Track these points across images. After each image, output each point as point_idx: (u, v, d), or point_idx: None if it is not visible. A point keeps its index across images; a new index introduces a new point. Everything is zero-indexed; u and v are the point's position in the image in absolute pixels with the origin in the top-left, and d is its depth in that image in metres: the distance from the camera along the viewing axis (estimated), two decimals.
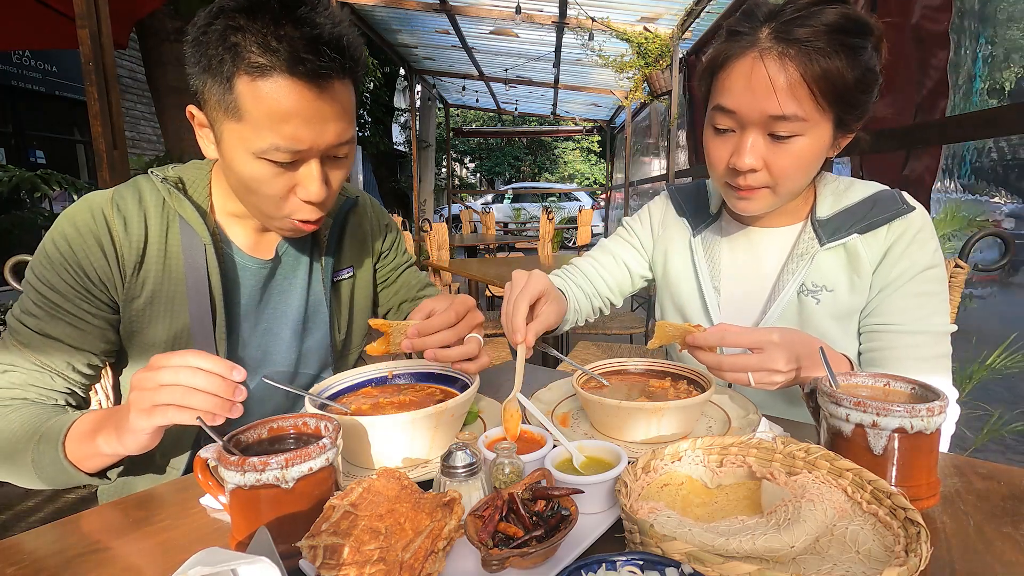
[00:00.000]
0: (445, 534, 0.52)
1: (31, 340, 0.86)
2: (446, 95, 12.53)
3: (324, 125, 0.81)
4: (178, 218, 0.93)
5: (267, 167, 0.82)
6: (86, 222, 0.87)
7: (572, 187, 19.85)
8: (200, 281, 0.92)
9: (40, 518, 2.30)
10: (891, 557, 0.51)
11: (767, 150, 0.89)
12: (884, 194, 1.00)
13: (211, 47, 0.77)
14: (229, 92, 0.78)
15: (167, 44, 4.47)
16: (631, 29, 6.37)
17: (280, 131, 0.79)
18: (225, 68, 0.77)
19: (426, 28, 7.58)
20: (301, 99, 0.78)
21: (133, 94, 9.82)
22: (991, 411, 2.20)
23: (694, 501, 0.65)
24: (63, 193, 4.11)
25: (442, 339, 0.85)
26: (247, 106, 0.78)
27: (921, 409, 0.61)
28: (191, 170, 0.97)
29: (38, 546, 0.62)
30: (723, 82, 0.91)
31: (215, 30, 0.77)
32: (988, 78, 2.28)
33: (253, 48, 0.75)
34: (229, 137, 0.82)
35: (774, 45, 0.85)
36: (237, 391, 0.69)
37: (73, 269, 0.86)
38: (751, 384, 0.78)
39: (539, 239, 7.89)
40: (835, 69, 0.83)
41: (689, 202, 1.20)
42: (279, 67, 0.76)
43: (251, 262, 0.99)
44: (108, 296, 0.89)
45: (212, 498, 0.64)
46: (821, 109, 0.86)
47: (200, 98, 0.83)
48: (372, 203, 1.21)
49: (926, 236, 0.96)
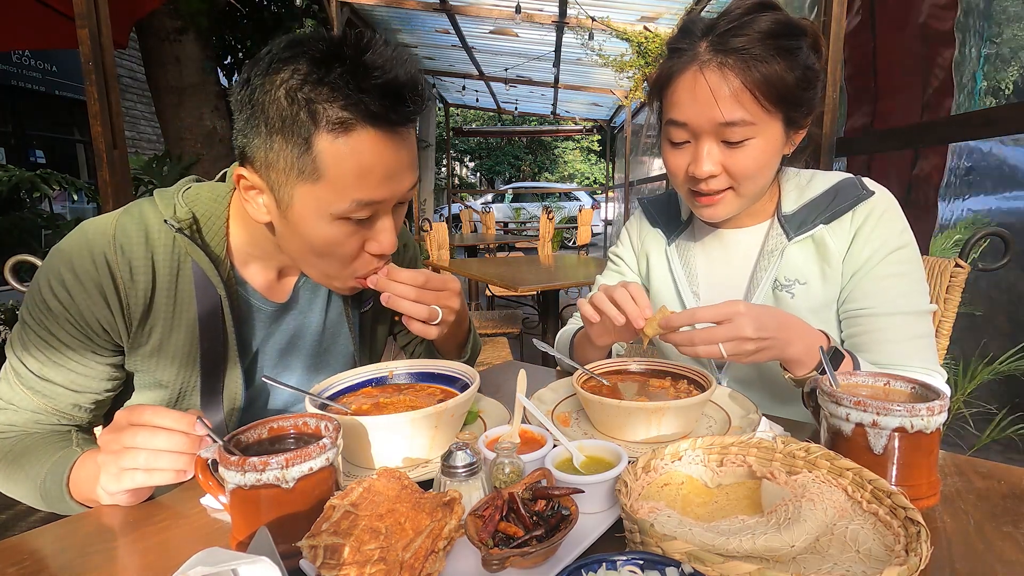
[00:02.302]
0: (445, 534, 0.52)
1: (33, 383, 0.81)
2: (446, 95, 12.52)
3: (403, 173, 0.78)
4: (190, 261, 0.85)
5: (344, 227, 0.77)
6: (87, 270, 0.79)
7: (572, 187, 19.86)
8: (215, 330, 0.86)
9: (40, 518, 2.30)
10: (891, 556, 0.51)
11: (723, 155, 0.92)
12: (845, 182, 1.02)
13: (278, 106, 0.71)
14: (307, 153, 0.72)
15: (167, 44, 4.47)
16: (631, 29, 6.37)
17: (362, 186, 0.74)
18: (301, 126, 0.70)
19: (426, 28, 7.58)
20: (385, 151, 0.74)
21: (133, 94, 9.83)
22: (995, 412, 2.19)
23: (694, 501, 0.65)
24: (63, 193, 4.11)
25: (403, 291, 0.85)
26: (328, 165, 0.72)
27: (921, 408, 0.61)
28: (207, 203, 0.87)
29: (38, 546, 0.62)
30: (671, 98, 0.95)
31: (281, 87, 0.70)
32: (991, 77, 2.28)
33: (335, 102, 0.70)
34: (303, 201, 0.75)
35: (713, 57, 0.89)
36: (202, 444, 0.65)
37: (74, 319, 0.80)
38: (724, 355, 0.79)
39: (539, 239, 7.88)
40: (774, 72, 0.87)
41: (661, 212, 1.22)
42: (363, 120, 0.71)
43: (266, 304, 0.94)
44: (112, 343, 0.84)
45: (212, 498, 0.64)
46: (767, 111, 0.90)
47: (252, 159, 0.76)
48: None
49: (891, 217, 0.97)
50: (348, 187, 0.74)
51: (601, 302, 0.87)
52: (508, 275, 3.41)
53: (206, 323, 0.85)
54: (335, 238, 0.78)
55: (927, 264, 1.23)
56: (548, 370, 1.21)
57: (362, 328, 1.09)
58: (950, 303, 1.18)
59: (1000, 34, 2.31)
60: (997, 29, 2.31)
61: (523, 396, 0.76)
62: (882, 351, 0.94)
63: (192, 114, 4.64)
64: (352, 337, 1.05)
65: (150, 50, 4.57)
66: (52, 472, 0.75)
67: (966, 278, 1.18)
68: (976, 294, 2.36)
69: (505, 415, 0.88)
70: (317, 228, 0.77)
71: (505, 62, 8.96)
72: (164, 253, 0.83)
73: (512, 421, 0.77)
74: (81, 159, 9.93)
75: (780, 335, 0.81)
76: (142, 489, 0.69)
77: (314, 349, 1.02)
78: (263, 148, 0.74)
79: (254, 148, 0.75)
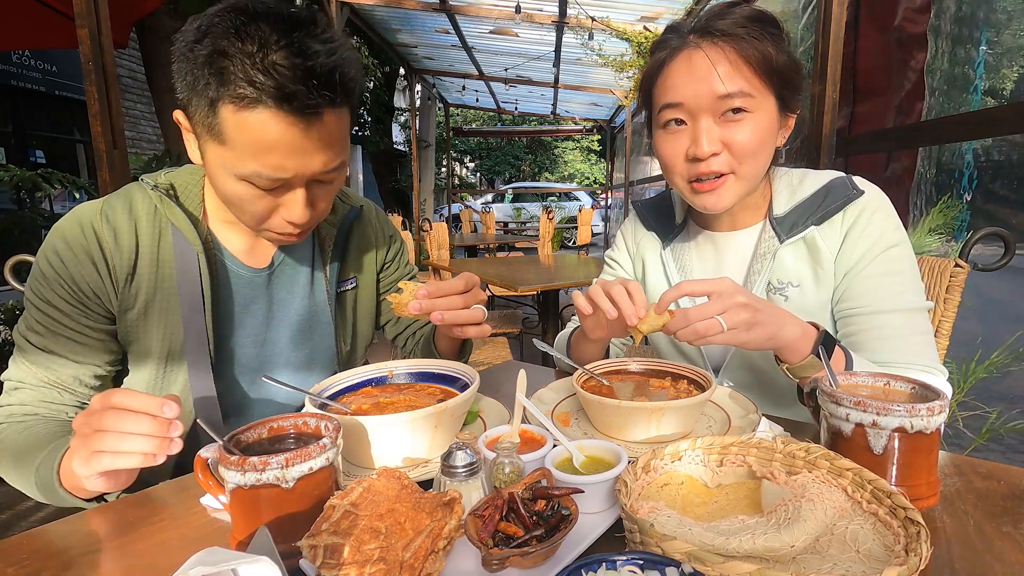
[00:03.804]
0: (445, 534, 0.52)
1: (37, 357, 0.86)
2: (446, 95, 12.51)
3: (311, 156, 0.78)
4: (170, 225, 0.91)
5: (249, 189, 0.80)
6: (76, 237, 0.86)
7: (572, 187, 19.86)
8: (193, 288, 0.91)
9: (40, 518, 2.30)
10: (891, 556, 0.51)
11: (723, 132, 0.93)
12: (836, 182, 1.01)
13: (196, 67, 0.73)
14: (213, 116, 0.74)
15: (167, 44, 4.43)
16: (631, 28, 6.37)
17: (263, 161, 0.76)
18: (210, 92, 0.73)
19: (426, 28, 7.58)
20: (287, 132, 0.74)
21: (133, 94, 9.82)
22: (989, 411, 2.20)
23: (694, 501, 0.65)
24: (63, 192, 4.11)
25: (451, 303, 0.86)
26: (230, 133, 0.75)
27: (921, 409, 0.61)
28: (184, 175, 0.95)
29: (38, 546, 0.62)
30: (664, 83, 0.96)
31: (202, 52, 0.72)
32: (986, 78, 2.29)
33: (240, 77, 0.71)
34: (211, 157, 0.80)
35: (704, 38, 0.92)
36: (172, 427, 0.64)
37: (67, 284, 0.85)
38: (724, 328, 0.77)
39: (539, 239, 7.89)
40: (765, 49, 0.90)
41: (655, 215, 1.22)
42: (265, 100, 0.72)
43: (245, 270, 0.98)
44: (104, 308, 0.89)
45: (212, 498, 0.64)
46: (763, 85, 0.91)
47: (185, 107, 0.80)
48: (377, 212, 1.21)
49: (882, 215, 0.97)
50: (247, 157, 0.76)
51: (596, 295, 0.86)
52: (508, 275, 3.41)
53: (185, 283, 0.90)
54: (243, 196, 0.81)
55: (926, 264, 1.23)
56: (548, 370, 1.21)
57: (342, 307, 1.11)
58: (950, 303, 1.18)
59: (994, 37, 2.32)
60: (994, 32, 2.31)
61: (523, 396, 0.76)
62: (881, 348, 0.94)
63: None
64: (330, 315, 1.07)
65: (150, 50, 4.57)
66: (45, 461, 0.76)
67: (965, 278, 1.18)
68: None
69: (505, 415, 0.88)
70: (226, 184, 0.80)
71: (505, 62, 8.96)
72: (147, 220, 0.90)
73: (512, 421, 0.77)
74: (81, 159, 9.93)
75: (770, 311, 0.80)
76: (120, 473, 0.69)
77: (298, 325, 1.04)
78: (186, 98, 0.77)
79: (183, 95, 0.78)
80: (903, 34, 2.05)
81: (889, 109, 2.13)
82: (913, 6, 2.01)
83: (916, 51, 2.03)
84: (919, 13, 2.01)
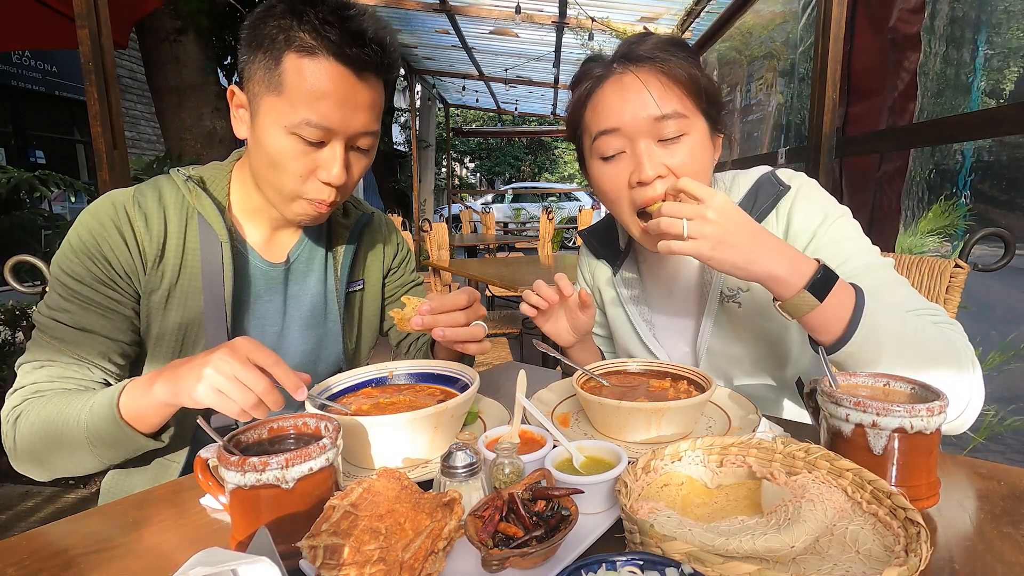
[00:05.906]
0: (445, 534, 0.52)
1: (67, 335, 0.88)
2: (446, 95, 12.51)
3: (355, 111, 0.88)
4: (196, 216, 0.96)
5: (295, 143, 0.87)
6: (109, 215, 0.91)
7: (572, 187, 19.81)
8: (215, 276, 0.95)
9: (40, 518, 2.30)
10: (891, 557, 0.51)
11: (663, 156, 0.92)
12: (762, 179, 1.02)
13: (267, 27, 0.84)
14: (275, 67, 0.84)
15: (167, 44, 4.46)
16: (631, 29, 6.36)
17: (314, 108, 0.84)
18: (277, 45, 0.84)
19: (426, 28, 7.58)
20: (341, 82, 0.85)
21: (133, 94, 9.83)
22: (988, 410, 2.20)
23: (694, 501, 0.65)
24: (62, 193, 4.11)
25: (453, 319, 0.88)
26: (289, 81, 0.84)
27: (921, 409, 0.61)
28: (211, 170, 1.02)
29: (38, 546, 0.62)
30: (596, 111, 0.95)
31: (275, 12, 0.84)
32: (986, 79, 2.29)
33: (306, 31, 0.83)
34: (266, 110, 0.87)
35: (630, 64, 0.92)
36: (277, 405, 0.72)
37: (98, 259, 0.89)
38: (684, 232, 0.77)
39: (539, 239, 7.89)
40: (691, 71, 0.91)
41: (601, 243, 1.21)
42: (325, 50, 0.83)
43: (263, 263, 1.03)
44: (132, 287, 0.92)
45: (212, 498, 0.64)
46: (694, 106, 0.92)
47: (243, 77, 0.89)
48: (386, 221, 1.27)
49: (812, 197, 0.97)
50: (300, 104, 0.85)
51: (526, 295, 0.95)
52: (508, 275, 3.41)
53: (208, 271, 0.95)
54: (287, 151, 0.88)
55: (926, 264, 1.23)
56: (548, 371, 1.21)
57: (349, 307, 1.14)
58: (950, 303, 1.18)
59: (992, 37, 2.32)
60: (992, 32, 2.31)
61: (523, 396, 0.76)
62: (877, 297, 0.82)
63: (192, 114, 4.64)
64: (339, 313, 1.10)
65: (150, 50, 4.56)
66: (101, 398, 0.81)
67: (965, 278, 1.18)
68: None
69: (505, 415, 0.88)
70: (273, 138, 0.87)
71: (505, 62, 8.96)
72: (175, 210, 0.96)
73: (512, 421, 0.77)
74: (81, 159, 9.93)
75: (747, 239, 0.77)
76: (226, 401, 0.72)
77: (309, 320, 1.08)
78: (248, 64, 0.88)
79: (243, 66, 0.89)
80: (897, 35, 2.05)
81: (882, 110, 2.13)
82: (908, 7, 2.01)
83: (910, 52, 2.03)
84: (913, 13, 2.01)
